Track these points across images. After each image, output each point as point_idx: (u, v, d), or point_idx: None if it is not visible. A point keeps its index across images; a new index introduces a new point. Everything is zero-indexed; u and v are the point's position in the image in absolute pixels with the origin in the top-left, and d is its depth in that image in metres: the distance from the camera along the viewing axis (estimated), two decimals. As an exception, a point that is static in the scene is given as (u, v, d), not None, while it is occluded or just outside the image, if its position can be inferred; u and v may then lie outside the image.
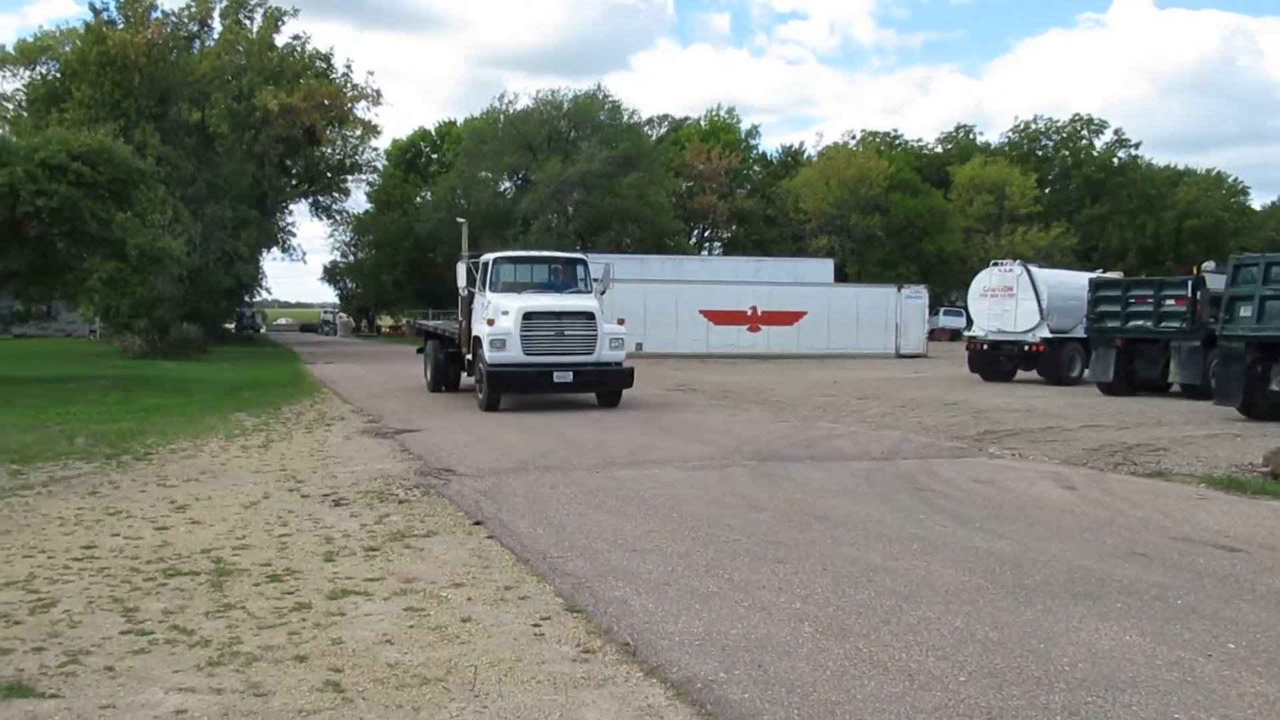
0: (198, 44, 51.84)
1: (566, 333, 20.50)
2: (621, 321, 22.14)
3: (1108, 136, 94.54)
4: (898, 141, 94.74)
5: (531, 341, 20.19)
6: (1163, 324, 25.38)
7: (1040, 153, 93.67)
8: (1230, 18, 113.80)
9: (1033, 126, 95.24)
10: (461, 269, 23.02)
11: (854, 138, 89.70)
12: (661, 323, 44.46)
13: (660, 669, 5.86)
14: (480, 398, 20.82)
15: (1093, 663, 6.06)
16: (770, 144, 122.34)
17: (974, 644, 6.37)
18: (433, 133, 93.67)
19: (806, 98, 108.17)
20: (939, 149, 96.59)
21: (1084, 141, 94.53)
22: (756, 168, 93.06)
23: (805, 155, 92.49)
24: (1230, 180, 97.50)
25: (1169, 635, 6.59)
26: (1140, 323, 25.94)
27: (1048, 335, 30.17)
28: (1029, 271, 31.44)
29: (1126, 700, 5.47)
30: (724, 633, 6.51)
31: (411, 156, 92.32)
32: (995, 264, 33.46)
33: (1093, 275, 30.81)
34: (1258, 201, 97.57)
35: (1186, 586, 7.79)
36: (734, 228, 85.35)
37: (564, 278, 22.73)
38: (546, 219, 65.68)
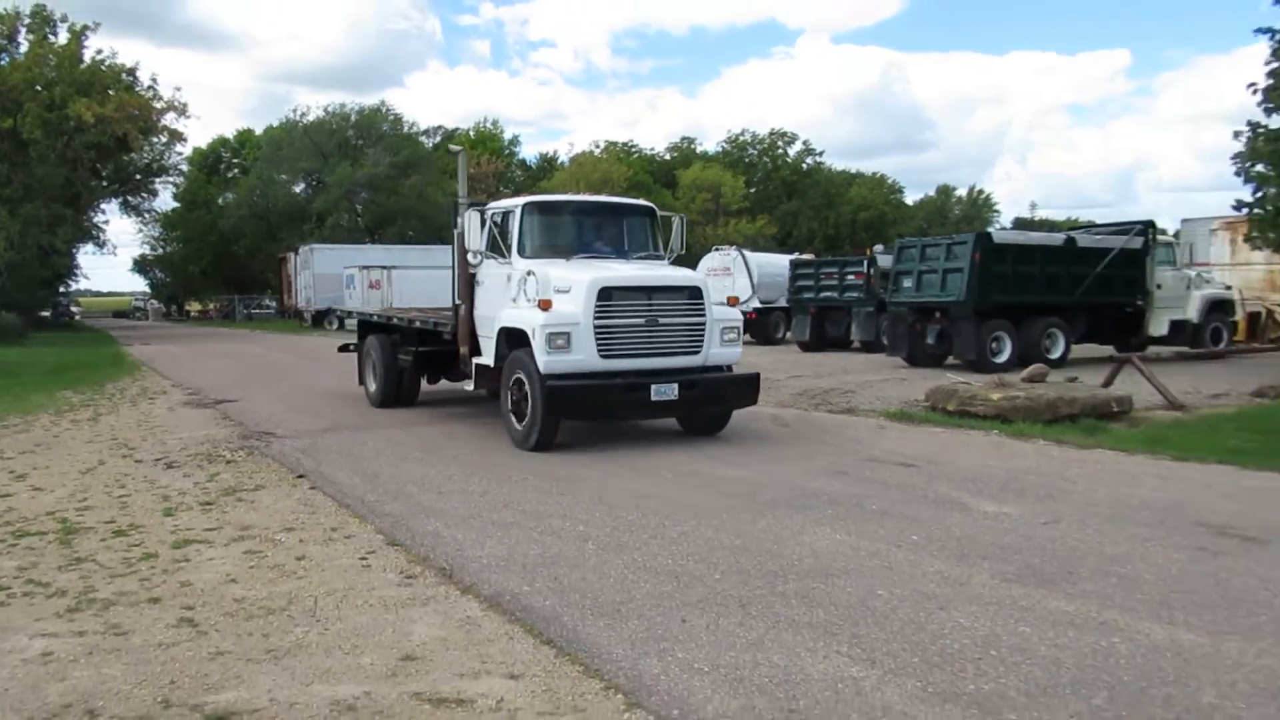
0: (5, 57, 46.91)
1: (662, 321, 11.08)
2: (734, 301, 12.18)
3: (798, 146, 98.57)
4: (634, 150, 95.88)
5: (612, 337, 10.80)
6: (846, 294, 26.84)
7: (747, 159, 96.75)
8: (887, 53, 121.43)
9: (740, 138, 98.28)
10: (472, 221, 12.14)
11: (599, 147, 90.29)
12: (448, 304, 43.44)
13: (474, 587, 5.85)
14: (518, 428, 11.08)
15: (815, 558, 6.43)
16: (529, 151, 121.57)
17: (724, 550, 6.64)
18: (232, 140, 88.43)
19: (558, 113, 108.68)
20: (667, 156, 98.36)
21: (780, 150, 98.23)
22: (519, 172, 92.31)
23: (559, 161, 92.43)
24: (890, 181, 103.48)
25: (869, 533, 7.06)
26: (829, 294, 27.34)
27: (759, 305, 31.39)
28: (743, 255, 32.61)
29: (842, 584, 5.85)
30: (524, 554, 6.54)
31: (213, 161, 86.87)
32: (717, 249, 34.58)
33: (791, 257, 32.26)
34: (910, 198, 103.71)
35: (878, 495, 8.33)
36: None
37: (619, 238, 12.57)
38: (339, 216, 63.35)
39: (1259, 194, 19.32)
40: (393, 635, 5.08)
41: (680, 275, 11.75)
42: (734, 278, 32.01)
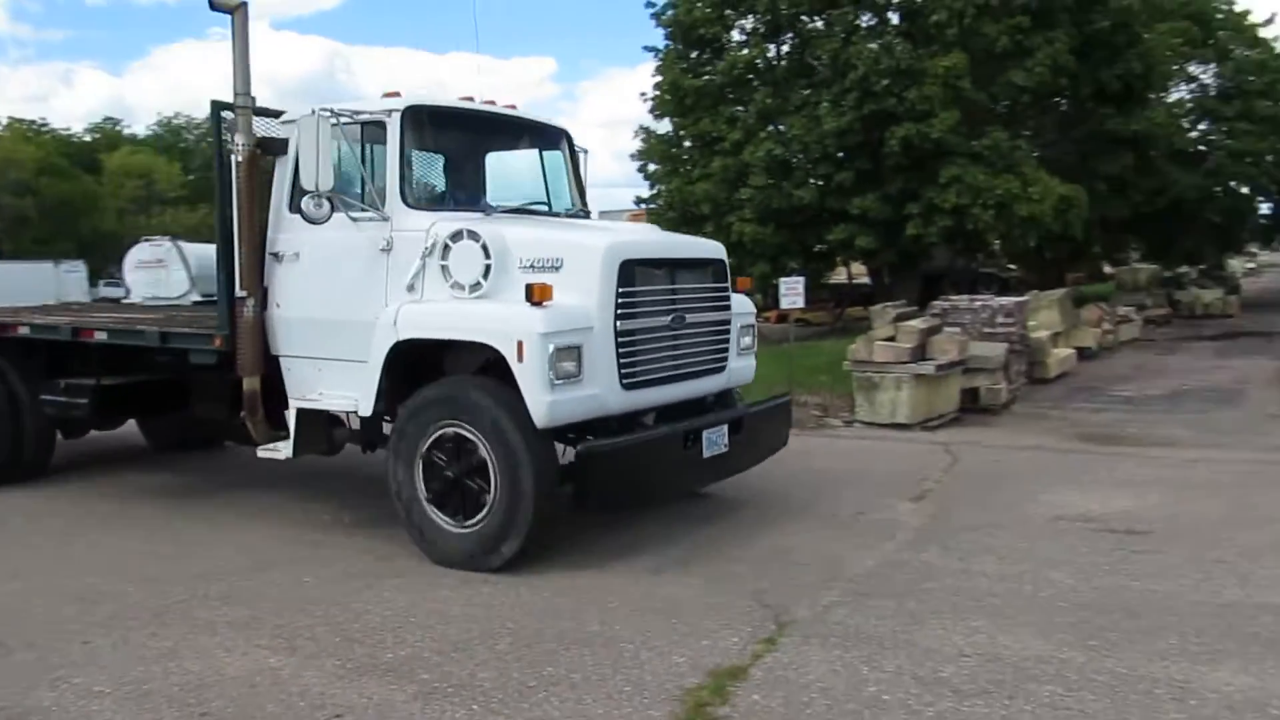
0: None
1: (689, 320, 6.32)
2: (745, 284, 7.29)
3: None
4: (45, 129, 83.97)
5: (636, 350, 5.90)
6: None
7: (184, 145, 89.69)
8: (330, 43, 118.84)
9: (175, 121, 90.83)
10: (323, 137, 5.73)
11: (0, 124, 77.67)
12: None
13: None
14: (454, 530, 5.72)
15: (245, 554, 6.16)
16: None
17: (137, 557, 6.11)
18: None
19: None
20: (89, 138, 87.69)
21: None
22: (-111, 148, 76.30)
23: (-53, 137, 77.94)
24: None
25: (304, 522, 6.91)
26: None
27: (199, 298, 29.30)
28: (179, 246, 30.16)
29: (271, 577, 5.69)
30: (-120, 598, 5.42)
31: None
32: (146, 240, 31.50)
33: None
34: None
35: (313, 487, 8.10)
36: None
37: (540, 179, 7.37)
38: None
39: (654, 189, 22.29)
40: None
41: (701, 245, 7.15)
42: (168, 270, 29.48)
